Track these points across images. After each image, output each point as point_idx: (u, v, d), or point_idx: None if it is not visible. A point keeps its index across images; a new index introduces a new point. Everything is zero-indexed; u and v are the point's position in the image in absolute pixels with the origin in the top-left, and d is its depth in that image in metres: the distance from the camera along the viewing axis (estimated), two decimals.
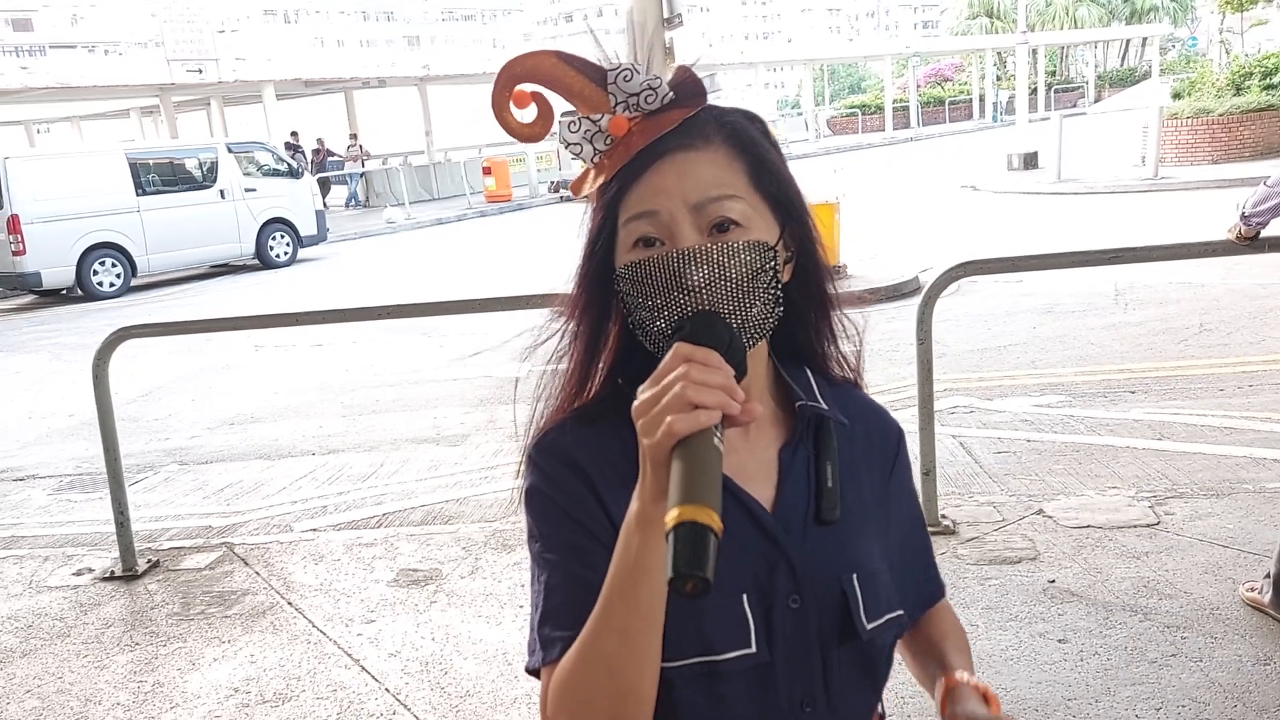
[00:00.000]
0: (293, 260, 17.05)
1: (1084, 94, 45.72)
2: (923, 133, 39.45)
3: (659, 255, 0.94)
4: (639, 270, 0.95)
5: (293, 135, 26.10)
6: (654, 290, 0.95)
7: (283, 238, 16.99)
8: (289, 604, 4.06)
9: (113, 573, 4.49)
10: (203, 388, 8.40)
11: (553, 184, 25.94)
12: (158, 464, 6.29)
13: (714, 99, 0.99)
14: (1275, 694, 2.87)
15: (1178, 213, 12.87)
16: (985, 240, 12.19)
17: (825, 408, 1.07)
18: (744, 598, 0.97)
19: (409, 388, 7.80)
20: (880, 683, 1.08)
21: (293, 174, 17.64)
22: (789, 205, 1.01)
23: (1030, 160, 19.85)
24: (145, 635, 3.89)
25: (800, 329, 1.07)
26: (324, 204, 19.71)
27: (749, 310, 0.95)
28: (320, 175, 23.81)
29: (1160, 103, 18.30)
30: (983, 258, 4.64)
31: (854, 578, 1.01)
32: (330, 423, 6.95)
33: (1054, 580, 3.67)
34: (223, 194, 16.23)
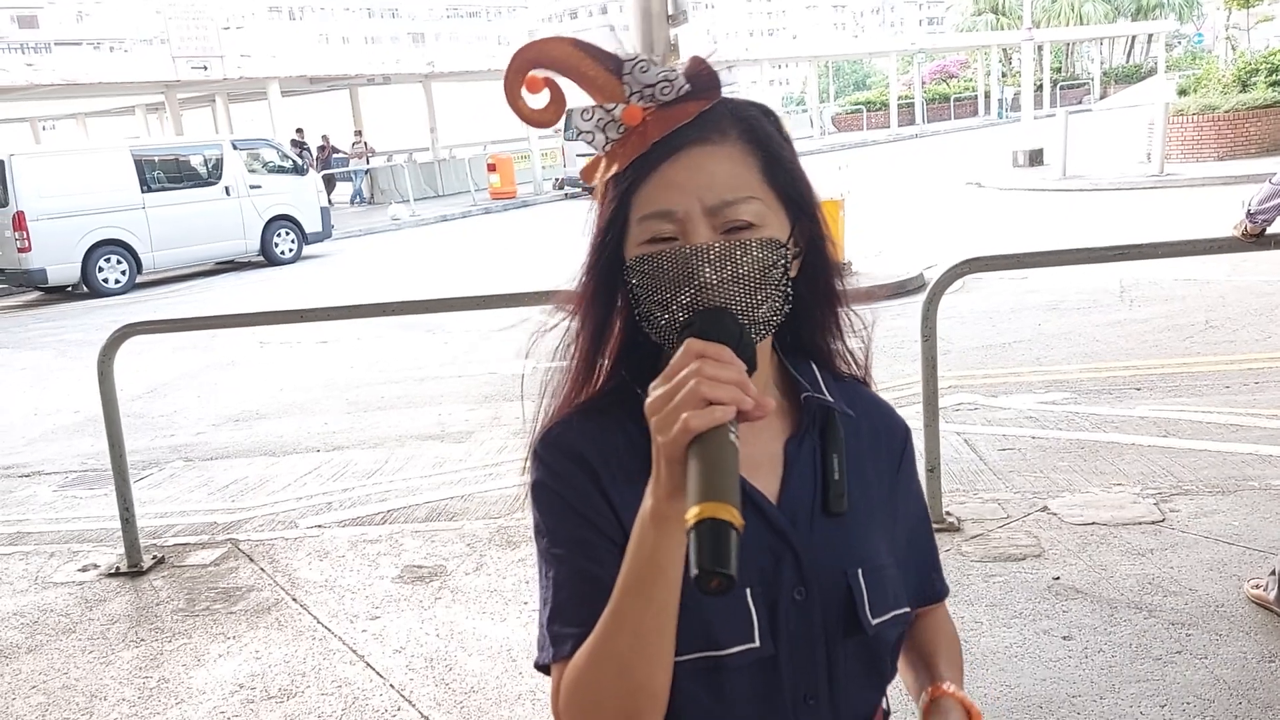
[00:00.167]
0: (298, 257, 17.06)
1: (1089, 90, 45.59)
2: (928, 129, 39.37)
3: (672, 250, 0.94)
4: (650, 263, 0.95)
5: (298, 132, 26.12)
6: (664, 284, 0.95)
7: (288, 235, 17.00)
8: (294, 600, 4.07)
9: (118, 569, 4.50)
10: (208, 384, 8.41)
11: (558, 181, 25.93)
12: (163, 460, 6.30)
13: (728, 92, 0.98)
14: None
15: (1183, 209, 12.84)
16: (990, 237, 12.18)
17: (831, 400, 1.06)
18: (748, 592, 0.97)
19: (414, 384, 7.81)
20: (885, 679, 1.08)
21: (298, 171, 17.66)
22: (801, 202, 1.01)
23: (1035, 157, 19.81)
24: (150, 631, 3.90)
25: (806, 324, 1.07)
26: (329, 201, 19.73)
27: (758, 307, 0.95)
28: (325, 172, 23.83)
29: (1166, 99, 18.23)
30: (988, 254, 4.63)
31: (859, 572, 1.01)
32: (335, 419, 6.96)
33: (1059, 577, 3.66)
34: (228, 191, 16.24)
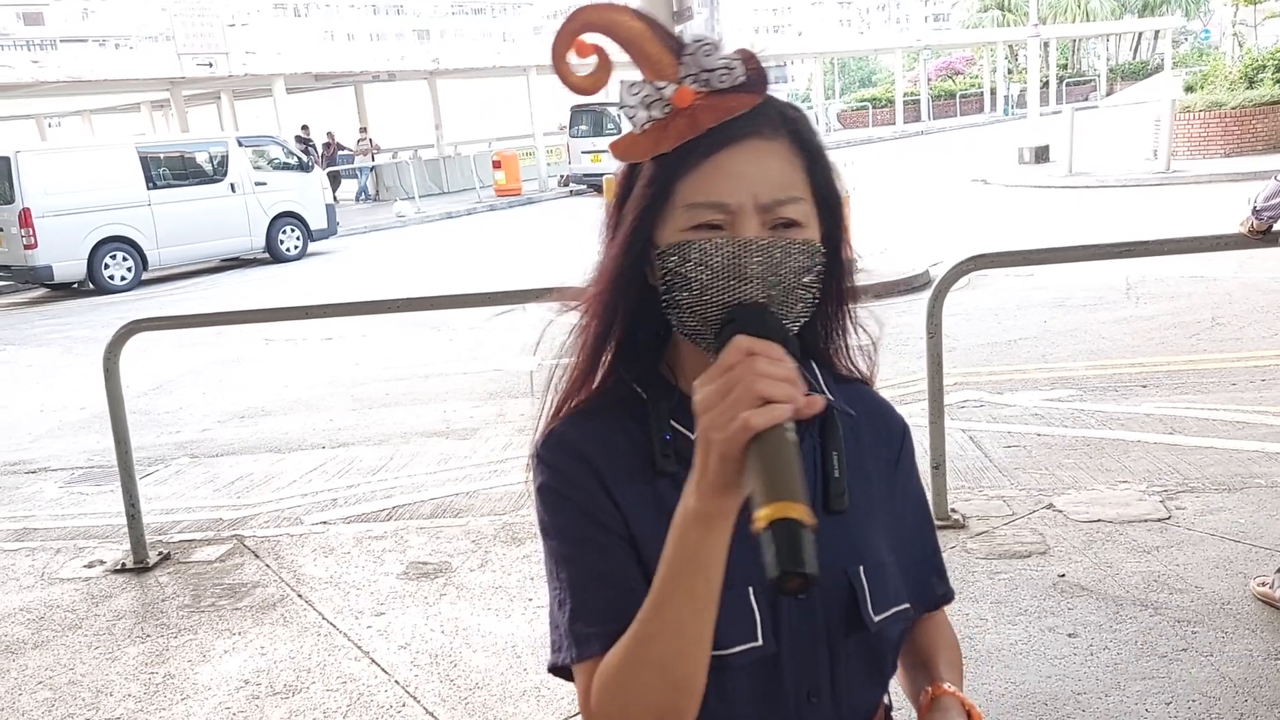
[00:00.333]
0: (303, 254, 17.08)
1: (1096, 87, 45.50)
2: (933, 126, 39.32)
3: (720, 239, 0.93)
4: (694, 250, 0.94)
5: (303, 129, 26.15)
6: (706, 273, 0.93)
7: (293, 231, 17.03)
8: (299, 596, 4.08)
9: (124, 565, 4.51)
10: (213, 381, 8.43)
11: (563, 178, 25.93)
12: (168, 457, 6.32)
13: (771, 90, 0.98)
14: None
15: (1190, 206, 12.81)
16: (996, 234, 12.16)
17: (831, 398, 1.06)
18: (750, 590, 0.97)
19: (419, 381, 7.82)
20: (887, 676, 1.08)
21: (303, 168, 17.67)
22: (834, 206, 1.01)
23: (1041, 154, 19.78)
24: (156, 627, 3.91)
25: (816, 322, 1.06)
26: (334, 198, 19.74)
27: (791, 308, 0.95)
28: (330, 169, 23.85)
29: (1172, 96, 18.19)
30: (993, 251, 4.63)
31: (860, 569, 1.01)
32: (340, 416, 6.97)
33: (1064, 574, 3.66)
34: (233, 188, 16.26)
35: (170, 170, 15.93)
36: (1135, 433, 5.12)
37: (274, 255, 16.72)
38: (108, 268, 14.82)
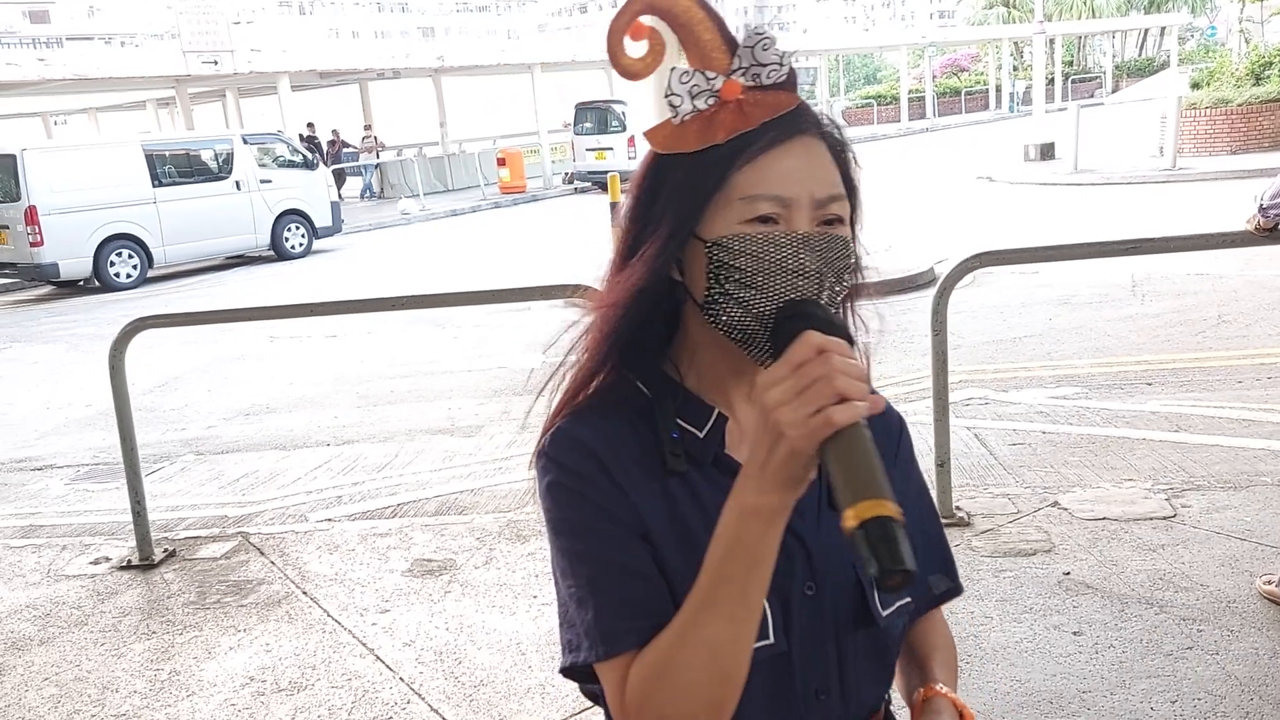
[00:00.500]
0: (308, 251, 17.09)
1: (1101, 84, 45.35)
2: (938, 123, 39.24)
3: (778, 233, 0.93)
4: (753, 244, 0.93)
5: (309, 126, 26.17)
6: (765, 266, 0.93)
7: (298, 229, 17.04)
8: (304, 593, 4.08)
9: (129, 562, 4.52)
10: (218, 378, 8.44)
11: (567, 175, 25.93)
12: (174, 454, 6.33)
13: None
14: None
15: (1196, 204, 12.77)
16: (1001, 231, 12.13)
17: None
18: None
19: (423, 379, 7.82)
20: (892, 672, 1.08)
21: (308, 165, 17.69)
22: (858, 207, 1.02)
23: (1047, 151, 19.74)
24: (162, 624, 3.92)
25: None
26: (339, 195, 19.76)
27: (831, 303, 0.95)
28: (335, 167, 23.86)
29: (1178, 93, 18.16)
30: (998, 249, 4.61)
31: None
32: (345, 413, 6.98)
33: (1069, 572, 3.65)
34: (238, 185, 16.29)
35: (176, 168, 15.95)
36: (1140, 430, 5.11)
37: (279, 253, 16.74)
38: (113, 265, 14.85)
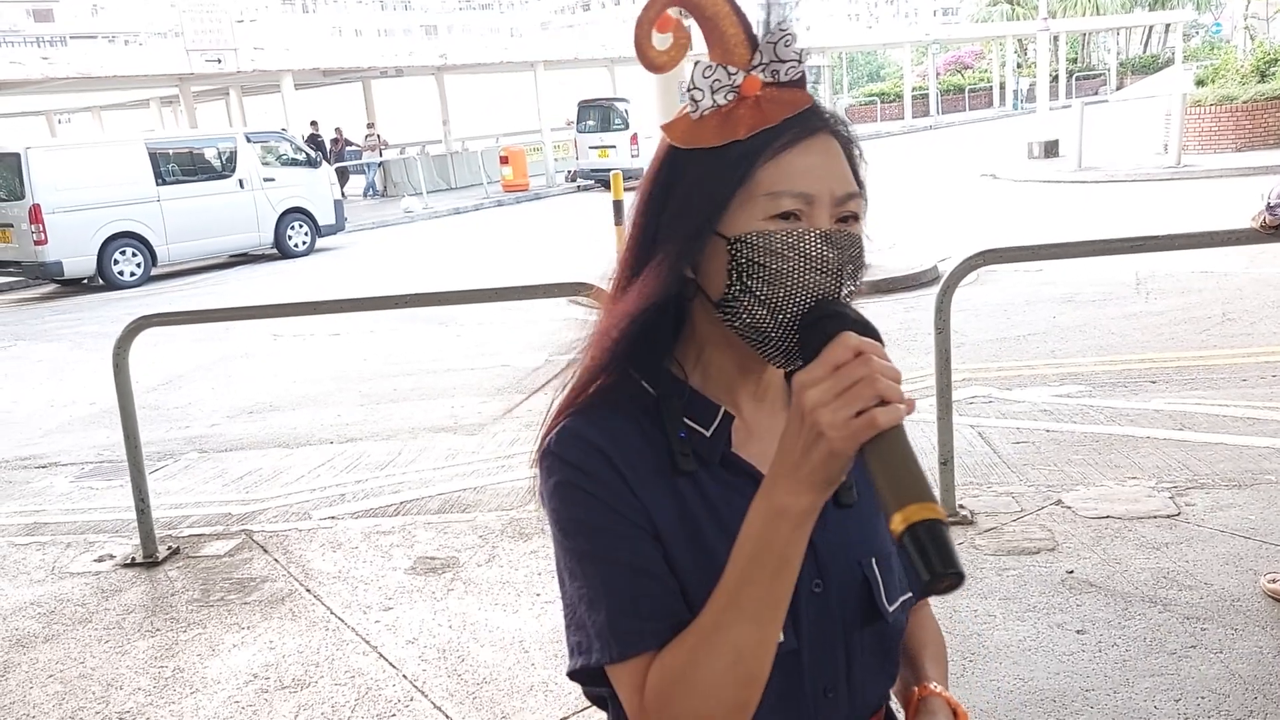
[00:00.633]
0: (311, 250, 17.11)
1: (1106, 81, 45.28)
2: (942, 121, 39.20)
3: (802, 229, 0.93)
4: (776, 240, 0.92)
5: (312, 125, 26.18)
6: (786, 264, 0.92)
7: (301, 227, 17.05)
8: (307, 591, 4.09)
9: (134, 559, 4.53)
10: (222, 376, 8.45)
11: (570, 173, 25.93)
12: (178, 452, 6.34)
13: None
14: None
15: (1200, 201, 12.75)
16: (1005, 229, 12.11)
17: None
18: None
19: (426, 377, 7.83)
20: (896, 668, 1.08)
21: (311, 163, 17.69)
22: (865, 204, 1.01)
23: (1051, 148, 19.70)
24: (166, 621, 3.92)
25: None
26: (342, 193, 19.76)
27: (846, 299, 0.95)
28: (338, 165, 23.87)
29: (1183, 90, 18.10)
30: (1002, 246, 4.60)
31: (873, 561, 1.02)
32: (348, 411, 6.98)
33: (1073, 571, 3.65)
34: (242, 184, 16.30)
35: (179, 166, 15.96)
36: (1144, 429, 5.11)
37: (282, 251, 16.75)
38: (117, 263, 14.86)
